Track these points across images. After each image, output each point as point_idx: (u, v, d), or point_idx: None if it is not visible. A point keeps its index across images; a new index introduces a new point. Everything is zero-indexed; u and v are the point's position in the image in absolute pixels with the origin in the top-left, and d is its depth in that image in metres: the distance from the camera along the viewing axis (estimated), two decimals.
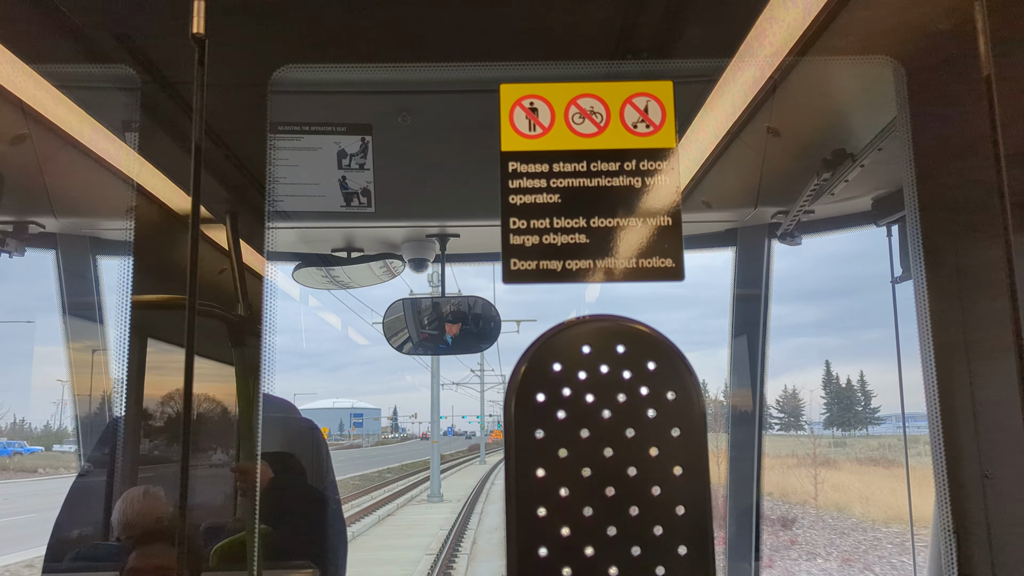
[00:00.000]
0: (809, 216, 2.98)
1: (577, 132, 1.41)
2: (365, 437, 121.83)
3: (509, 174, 1.41)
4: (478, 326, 3.57)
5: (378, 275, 3.77)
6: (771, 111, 2.41)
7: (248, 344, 2.88)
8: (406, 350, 3.58)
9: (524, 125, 1.41)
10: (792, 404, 75.61)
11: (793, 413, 75.58)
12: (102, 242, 3.31)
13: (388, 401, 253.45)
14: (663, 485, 1.12)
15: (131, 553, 2.44)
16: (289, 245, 3.57)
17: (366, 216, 2.90)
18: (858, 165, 2.41)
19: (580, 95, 1.42)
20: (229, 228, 3.04)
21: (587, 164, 1.40)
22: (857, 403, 73.72)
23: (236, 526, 2.72)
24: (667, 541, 1.11)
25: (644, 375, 1.15)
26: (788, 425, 74.34)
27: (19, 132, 2.43)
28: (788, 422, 75.47)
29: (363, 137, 2.79)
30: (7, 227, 2.93)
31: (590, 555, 1.11)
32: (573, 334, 1.17)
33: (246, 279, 2.98)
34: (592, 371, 1.15)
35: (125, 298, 2.06)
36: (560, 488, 1.12)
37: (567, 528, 1.11)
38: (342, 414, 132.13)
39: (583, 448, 1.13)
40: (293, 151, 2.80)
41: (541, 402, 1.14)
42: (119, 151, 2.55)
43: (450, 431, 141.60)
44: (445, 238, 3.36)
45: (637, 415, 1.14)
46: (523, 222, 1.39)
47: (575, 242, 1.38)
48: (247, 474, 2.65)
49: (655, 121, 1.41)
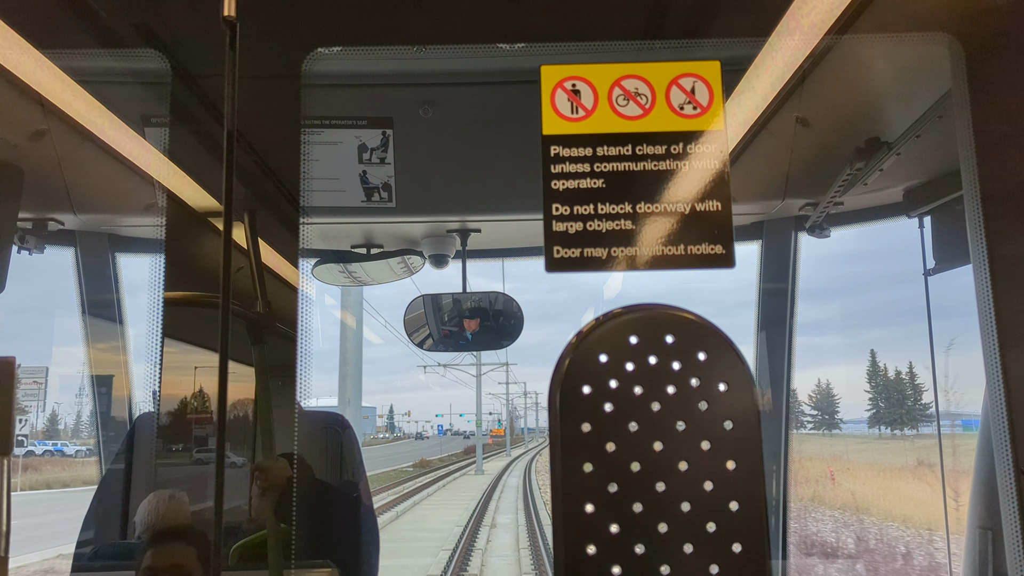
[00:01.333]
0: (838, 208, 2.92)
1: (621, 115, 1.37)
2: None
3: (551, 158, 1.36)
4: (499, 322, 3.53)
5: (396, 272, 3.74)
6: (800, 100, 2.36)
7: (267, 342, 2.85)
8: (427, 347, 3.54)
9: (566, 108, 1.36)
10: (826, 400, 70.58)
11: (827, 410, 71.23)
12: (121, 239, 3.29)
13: (397, 401, 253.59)
14: (716, 480, 1.08)
15: (147, 552, 2.42)
16: (307, 241, 3.54)
17: (387, 211, 2.87)
18: (894, 153, 2.35)
19: (624, 76, 1.38)
20: (247, 225, 3.02)
21: (632, 148, 1.36)
22: (907, 398, 70.61)
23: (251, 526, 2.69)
24: (721, 538, 1.07)
25: (694, 366, 1.10)
26: (823, 424, 70.47)
27: (38, 127, 2.41)
28: (823, 420, 71.19)
29: (384, 131, 2.76)
30: (27, 224, 2.91)
31: (640, 553, 1.06)
32: (619, 323, 1.13)
33: (264, 276, 2.95)
34: (640, 362, 1.10)
35: (157, 296, 2.02)
36: (608, 483, 1.08)
37: (616, 525, 1.07)
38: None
39: (632, 442, 1.08)
40: (314, 146, 2.77)
41: (587, 395, 1.10)
42: (139, 146, 2.52)
43: (440, 430, 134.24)
44: (466, 233, 3.32)
45: (688, 407, 1.09)
46: (566, 208, 1.34)
47: (621, 228, 1.34)
48: (267, 473, 2.62)
49: (702, 103, 1.37)
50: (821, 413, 70.51)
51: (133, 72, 2.12)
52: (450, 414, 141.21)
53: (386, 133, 2.75)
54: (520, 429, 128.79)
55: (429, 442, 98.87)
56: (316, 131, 2.72)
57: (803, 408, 74.84)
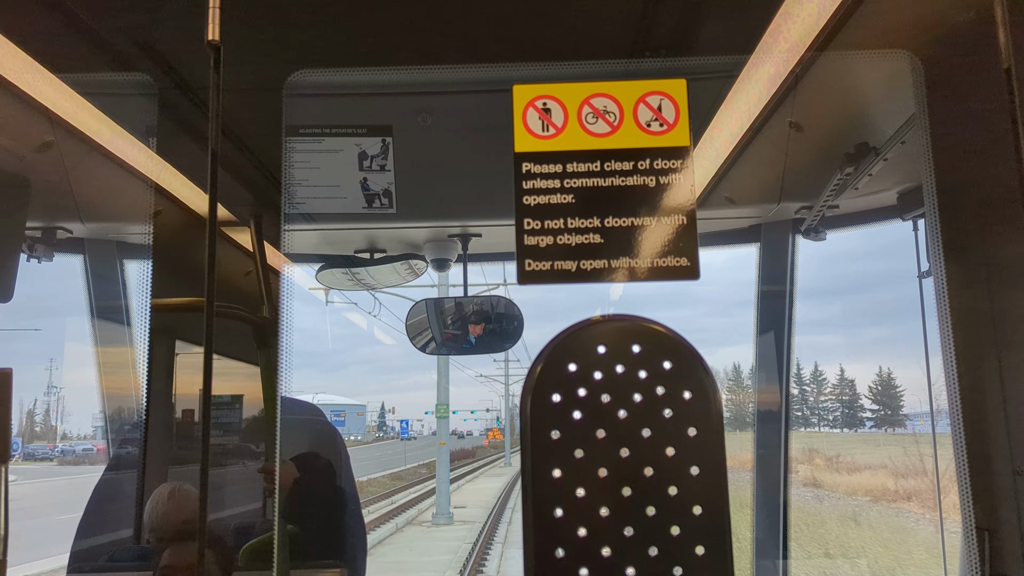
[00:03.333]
0: (833, 211, 2.94)
1: (591, 132, 1.41)
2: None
3: (523, 175, 1.41)
4: (501, 325, 3.57)
5: (402, 275, 3.79)
6: (792, 106, 2.38)
7: (272, 345, 2.91)
8: (429, 350, 3.59)
9: (537, 126, 1.41)
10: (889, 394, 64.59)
11: (891, 405, 64.81)
12: (128, 246, 3.35)
13: (395, 401, 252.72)
14: (680, 485, 1.12)
15: (165, 551, 2.47)
16: (312, 247, 3.59)
17: (388, 217, 2.91)
18: (881, 159, 2.37)
19: (593, 95, 1.42)
20: (253, 230, 3.08)
21: (601, 164, 1.40)
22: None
23: (264, 526, 2.75)
24: (684, 541, 1.11)
25: (660, 375, 1.14)
26: (885, 421, 64.59)
27: (45, 139, 2.47)
28: (886, 417, 65.16)
29: (383, 138, 2.80)
30: (36, 232, 2.98)
31: (607, 556, 1.10)
32: (589, 334, 1.17)
33: (270, 281, 3.01)
34: (608, 371, 1.14)
35: (145, 301, 2.08)
36: (577, 488, 1.12)
37: (584, 529, 1.11)
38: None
39: (599, 448, 1.12)
40: (315, 153, 2.81)
41: (557, 402, 1.14)
42: (144, 157, 2.58)
43: (405, 430, 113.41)
44: (467, 238, 3.36)
45: (653, 415, 1.13)
46: (537, 223, 1.39)
47: (590, 242, 1.38)
48: (273, 475, 2.67)
49: (669, 120, 1.40)
50: (883, 408, 66.01)
51: (132, 85, 2.18)
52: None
53: (386, 141, 2.79)
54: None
55: (414, 444, 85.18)
56: (317, 139, 2.77)
57: (863, 403, 69.68)
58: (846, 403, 71.66)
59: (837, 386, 73.31)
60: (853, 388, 71.66)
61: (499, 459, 64.56)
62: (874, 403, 69.24)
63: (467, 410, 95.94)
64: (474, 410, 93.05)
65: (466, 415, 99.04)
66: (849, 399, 71.51)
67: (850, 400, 71.63)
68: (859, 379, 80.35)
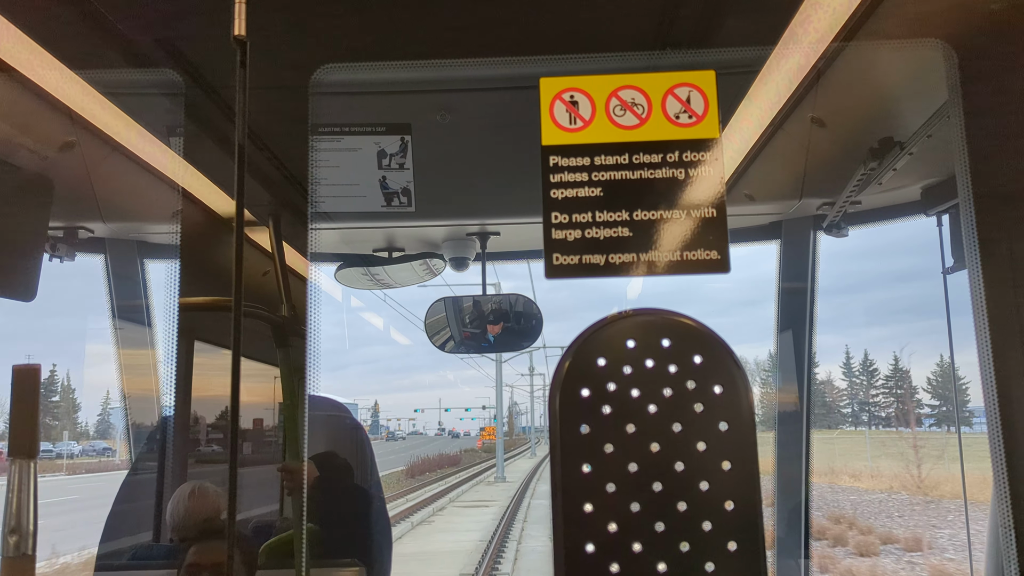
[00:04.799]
0: (856, 207, 2.92)
1: (618, 124, 1.40)
2: None
3: (550, 168, 1.40)
4: (520, 324, 3.56)
5: (420, 274, 3.78)
6: (815, 100, 2.36)
7: (292, 345, 2.91)
8: (448, 349, 3.59)
9: (564, 118, 1.40)
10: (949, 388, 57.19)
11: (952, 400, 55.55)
12: (149, 246, 3.37)
13: (399, 400, 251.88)
14: (712, 480, 1.11)
15: (190, 549, 2.47)
16: (331, 246, 3.60)
17: (406, 216, 2.91)
18: (906, 153, 2.35)
19: (621, 87, 1.40)
20: (272, 230, 3.08)
21: (629, 156, 1.39)
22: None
23: (284, 525, 2.75)
24: (716, 537, 1.10)
25: (690, 369, 1.13)
26: (946, 419, 56.00)
27: (67, 139, 2.48)
28: (945, 415, 56.47)
29: (402, 137, 2.80)
30: (57, 232, 2.99)
31: (638, 551, 1.09)
32: (617, 328, 1.16)
33: (290, 280, 3.02)
34: (637, 365, 1.13)
35: (172, 301, 2.09)
36: (607, 484, 1.11)
37: (614, 524, 1.10)
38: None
39: (629, 443, 1.11)
40: (334, 152, 2.82)
41: (586, 397, 1.13)
42: (165, 156, 2.59)
43: (376, 427, 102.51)
44: (485, 236, 3.36)
45: (684, 409, 1.12)
46: (565, 216, 1.38)
47: (618, 236, 1.37)
48: (293, 474, 2.68)
49: (697, 111, 1.39)
50: (944, 404, 58.50)
51: (155, 84, 2.18)
52: (439, 407, 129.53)
53: (404, 139, 2.79)
54: (522, 428, 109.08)
55: (399, 445, 78.64)
56: (336, 138, 2.77)
57: (919, 398, 63.14)
58: (900, 397, 66.17)
59: (891, 377, 68.28)
60: (908, 381, 67.03)
61: (490, 469, 45.77)
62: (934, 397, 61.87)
63: (461, 407, 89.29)
64: (469, 407, 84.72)
65: (461, 413, 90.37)
66: (905, 392, 66.12)
67: (906, 394, 66.14)
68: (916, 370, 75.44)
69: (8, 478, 1.21)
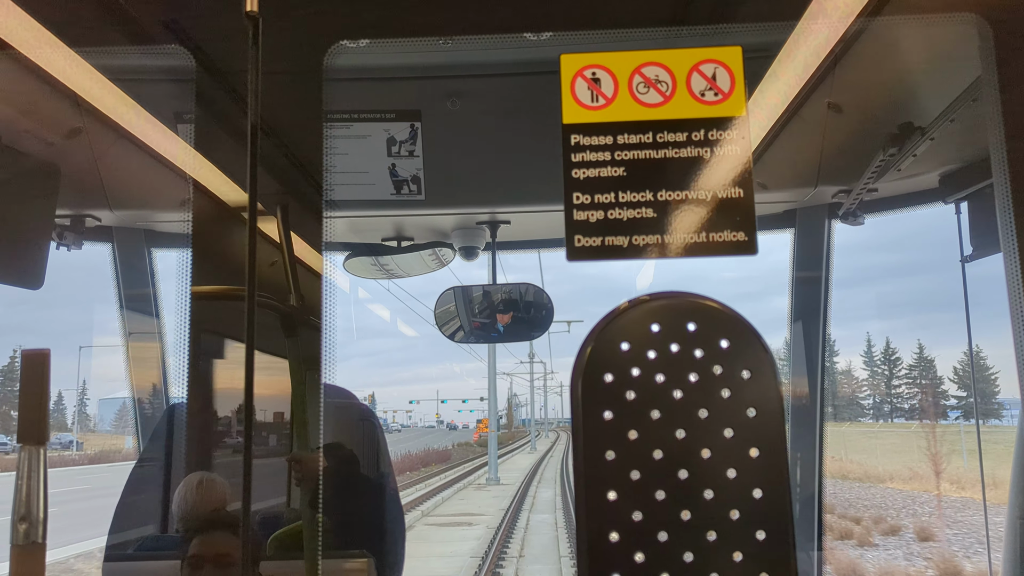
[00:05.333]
0: (872, 195, 2.87)
1: (642, 102, 1.36)
2: None
3: (572, 147, 1.36)
4: (529, 313, 3.54)
5: (428, 264, 3.75)
6: (832, 85, 2.32)
7: (301, 335, 2.88)
8: (458, 339, 3.56)
9: (586, 96, 1.36)
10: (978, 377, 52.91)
11: (982, 391, 53.87)
12: (156, 234, 3.35)
13: (401, 392, 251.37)
14: (739, 468, 1.08)
15: (193, 540, 2.46)
16: (339, 235, 3.57)
17: (416, 204, 2.88)
18: (928, 138, 2.31)
19: (644, 63, 1.37)
20: (280, 219, 3.05)
21: (653, 135, 1.35)
22: None
23: (291, 515, 2.73)
24: (744, 525, 1.06)
25: (717, 353, 1.10)
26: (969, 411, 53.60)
27: (74, 126, 2.45)
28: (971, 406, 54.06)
29: (412, 124, 2.77)
30: (65, 221, 2.97)
31: (664, 540, 1.06)
32: (641, 312, 1.12)
33: (297, 270, 2.99)
34: (662, 350, 1.10)
35: (184, 290, 2.06)
36: (631, 471, 1.08)
37: (639, 512, 1.07)
38: None
39: (654, 430, 1.08)
40: (343, 139, 2.79)
41: (609, 383, 1.10)
42: (171, 143, 2.56)
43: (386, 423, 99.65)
44: (495, 225, 3.33)
45: (710, 395, 1.09)
46: (587, 197, 1.34)
47: (642, 216, 1.33)
48: (303, 464, 2.65)
49: (723, 89, 1.35)
50: (971, 395, 56.12)
51: (163, 69, 2.15)
52: (437, 399, 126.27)
53: (414, 126, 2.76)
54: (522, 421, 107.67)
55: (391, 437, 74.06)
56: (344, 125, 2.74)
57: (944, 388, 60.96)
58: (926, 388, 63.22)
59: (915, 367, 65.13)
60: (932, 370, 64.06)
61: (482, 468, 41.12)
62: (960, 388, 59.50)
63: (458, 399, 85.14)
64: (466, 399, 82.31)
65: (459, 405, 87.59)
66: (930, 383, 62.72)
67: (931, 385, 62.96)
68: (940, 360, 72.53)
69: (17, 465, 1.18)
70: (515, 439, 79.32)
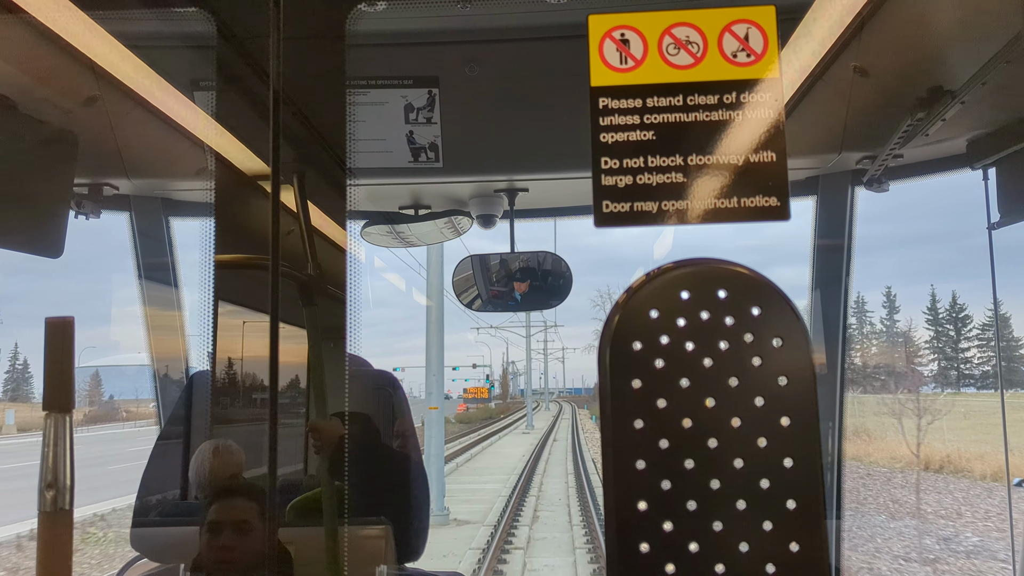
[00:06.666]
0: (898, 161, 2.82)
1: (672, 64, 1.33)
2: None
3: (600, 111, 1.33)
4: (547, 282, 3.51)
5: (443, 232, 3.74)
6: (859, 49, 2.27)
7: (318, 304, 2.88)
8: (476, 307, 3.55)
9: (615, 58, 1.33)
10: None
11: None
12: (173, 203, 3.34)
13: (400, 362, 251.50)
14: (770, 436, 1.06)
15: (211, 506, 2.48)
16: (355, 203, 3.55)
17: (434, 171, 2.86)
18: (958, 102, 2.25)
19: (675, 23, 1.33)
20: (296, 188, 3.04)
21: (683, 98, 1.32)
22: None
23: (309, 483, 2.75)
24: (774, 495, 1.05)
25: (748, 321, 1.08)
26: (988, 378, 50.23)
27: (91, 93, 2.44)
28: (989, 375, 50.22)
29: (430, 90, 2.74)
30: (83, 189, 2.97)
31: (692, 509, 1.05)
32: (670, 279, 1.10)
33: (314, 239, 2.98)
34: (692, 318, 1.08)
35: (208, 259, 2.05)
36: (659, 440, 1.06)
37: (668, 481, 1.06)
38: None
39: (683, 398, 1.07)
40: (360, 106, 2.76)
41: (638, 351, 1.08)
42: (189, 110, 2.54)
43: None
44: (514, 192, 3.30)
45: (741, 363, 1.07)
46: (615, 162, 1.31)
47: (672, 181, 1.30)
48: (321, 432, 2.66)
49: (756, 50, 1.31)
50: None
51: (181, 35, 2.12)
52: (423, 367, 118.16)
53: (432, 92, 2.73)
54: (520, 391, 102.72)
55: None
56: (362, 92, 2.71)
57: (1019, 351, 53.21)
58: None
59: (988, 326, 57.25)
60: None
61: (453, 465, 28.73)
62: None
63: (449, 366, 74.99)
64: (457, 366, 74.13)
65: (450, 373, 79.63)
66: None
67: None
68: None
69: (44, 432, 1.19)
70: (510, 411, 73.95)
